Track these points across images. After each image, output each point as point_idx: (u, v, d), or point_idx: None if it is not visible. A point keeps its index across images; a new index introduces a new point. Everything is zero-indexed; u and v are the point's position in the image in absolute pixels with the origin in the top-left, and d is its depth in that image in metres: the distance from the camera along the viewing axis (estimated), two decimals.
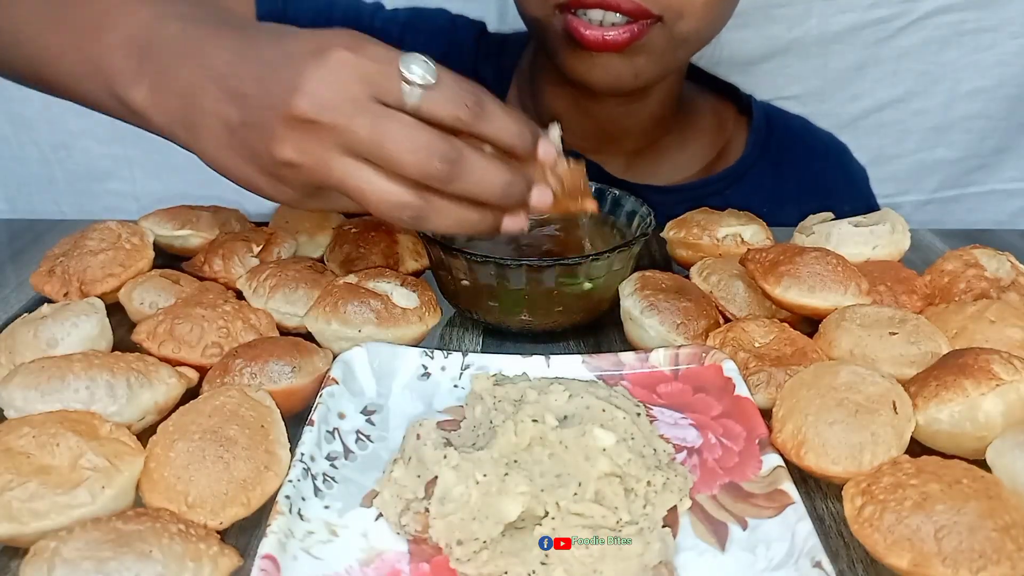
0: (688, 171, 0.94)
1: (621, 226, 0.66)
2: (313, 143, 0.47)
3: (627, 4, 0.70)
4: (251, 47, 0.50)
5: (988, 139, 1.48)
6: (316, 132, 0.47)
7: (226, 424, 0.44)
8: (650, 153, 0.93)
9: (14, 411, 0.46)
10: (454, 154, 0.47)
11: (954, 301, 0.60)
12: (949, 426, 0.46)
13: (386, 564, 0.41)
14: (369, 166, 0.47)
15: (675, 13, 0.72)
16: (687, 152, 0.95)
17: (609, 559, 0.40)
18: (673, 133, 0.93)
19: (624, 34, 0.72)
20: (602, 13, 0.72)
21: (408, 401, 0.52)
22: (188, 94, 0.51)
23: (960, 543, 0.38)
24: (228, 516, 0.41)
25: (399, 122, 0.46)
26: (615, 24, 0.72)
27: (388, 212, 0.48)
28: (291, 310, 0.59)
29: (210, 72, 0.50)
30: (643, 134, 0.91)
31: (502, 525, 0.40)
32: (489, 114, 0.49)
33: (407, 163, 0.47)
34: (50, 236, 0.66)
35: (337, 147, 0.47)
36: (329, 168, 0.48)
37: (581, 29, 0.71)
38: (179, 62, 0.51)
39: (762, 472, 0.45)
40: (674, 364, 0.53)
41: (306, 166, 0.48)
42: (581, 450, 0.44)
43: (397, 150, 0.46)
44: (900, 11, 1.38)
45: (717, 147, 0.96)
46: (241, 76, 0.49)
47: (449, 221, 0.50)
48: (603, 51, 0.73)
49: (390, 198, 0.48)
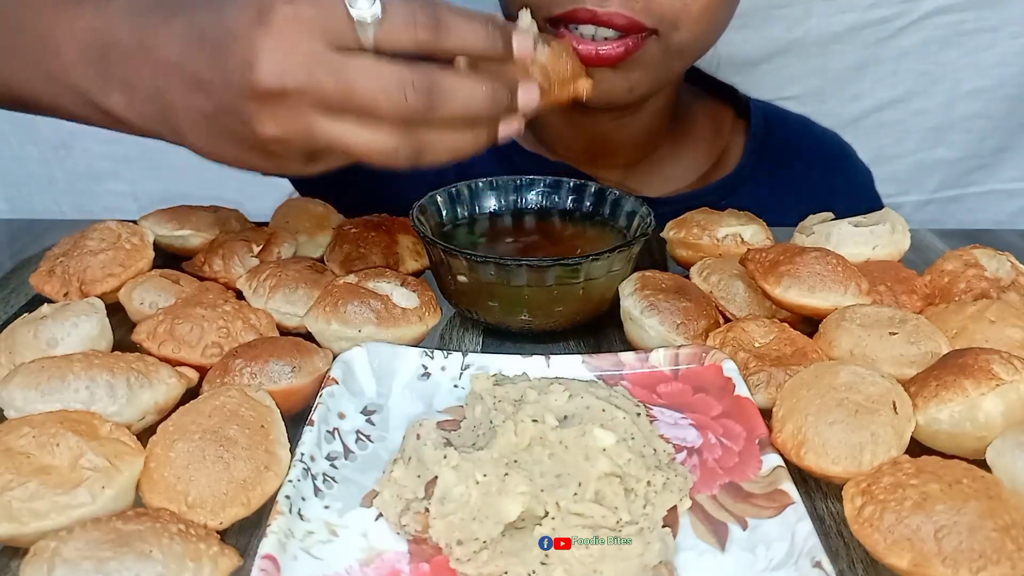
0: (684, 181, 0.92)
1: (621, 226, 0.66)
2: (288, 112, 0.46)
3: (620, 19, 0.69)
4: (194, 28, 0.48)
5: (988, 139, 1.48)
6: (286, 101, 0.46)
7: (226, 424, 0.44)
8: (645, 165, 0.91)
9: (14, 411, 0.46)
10: (425, 82, 0.46)
11: (954, 301, 0.60)
12: (949, 426, 0.46)
13: (386, 564, 0.41)
14: (349, 119, 0.46)
15: (670, 25, 0.71)
16: (683, 162, 0.93)
17: (609, 559, 0.40)
18: (668, 143, 0.91)
19: (618, 48, 0.70)
20: (594, 28, 0.70)
21: (408, 401, 0.52)
22: (157, 93, 0.50)
23: (960, 543, 0.38)
24: (228, 516, 0.41)
25: (361, 66, 0.45)
26: (608, 39, 0.70)
27: (381, 160, 0.48)
28: (291, 310, 0.59)
29: (168, 65, 0.49)
30: (637, 146, 0.89)
31: (502, 525, 0.40)
32: (449, 26, 0.47)
33: (382, 106, 0.45)
34: (50, 236, 0.66)
35: (312, 109, 0.46)
36: (312, 132, 0.47)
37: (574, 44, 0.68)
38: (138, 62, 0.50)
39: (762, 472, 0.45)
40: (674, 364, 0.53)
41: (291, 136, 0.47)
42: (581, 450, 0.44)
43: (368, 96, 0.45)
44: (900, 11, 1.38)
45: (714, 155, 0.94)
46: (196, 62, 0.47)
47: (444, 151, 0.49)
48: (597, 66, 0.70)
49: (378, 146, 0.47)
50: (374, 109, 0.46)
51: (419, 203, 0.64)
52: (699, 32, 0.73)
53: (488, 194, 0.69)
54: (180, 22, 0.49)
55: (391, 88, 0.45)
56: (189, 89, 0.48)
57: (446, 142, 0.49)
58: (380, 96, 0.45)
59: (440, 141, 0.49)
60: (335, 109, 0.46)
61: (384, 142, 0.47)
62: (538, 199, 0.69)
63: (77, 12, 0.53)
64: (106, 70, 0.52)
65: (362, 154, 0.47)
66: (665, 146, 0.91)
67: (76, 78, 0.53)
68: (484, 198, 0.68)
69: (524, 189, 0.69)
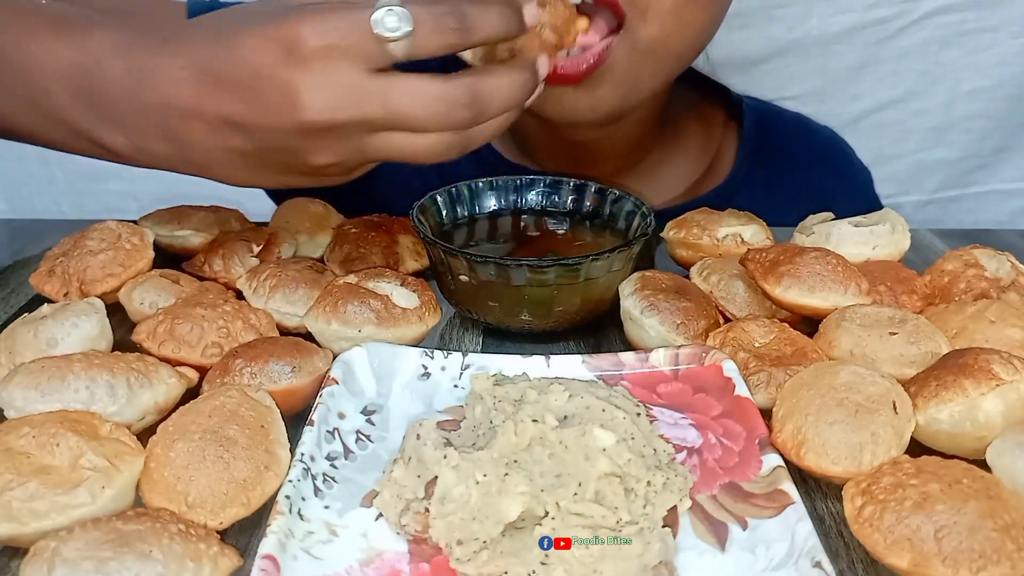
0: (676, 190, 0.88)
1: (620, 227, 0.66)
2: (340, 141, 0.48)
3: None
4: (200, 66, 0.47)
5: (988, 139, 1.48)
6: (337, 132, 0.47)
7: (226, 424, 0.44)
8: (633, 174, 0.86)
9: (14, 411, 0.46)
10: (468, 96, 0.48)
11: (954, 301, 0.60)
12: (949, 426, 0.46)
13: (386, 564, 0.41)
14: (401, 132, 0.48)
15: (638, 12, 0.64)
16: (673, 172, 0.88)
17: (609, 559, 0.40)
18: (658, 151, 0.87)
19: (580, 66, 0.64)
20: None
21: (408, 401, 0.52)
22: (171, 135, 0.49)
23: (960, 543, 0.38)
24: (228, 516, 0.41)
25: (404, 89, 0.46)
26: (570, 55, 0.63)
27: (436, 159, 0.50)
28: (291, 310, 0.59)
29: (181, 107, 0.47)
30: (623, 156, 0.84)
31: (502, 525, 0.40)
32: (474, 22, 0.48)
33: (431, 124, 0.48)
34: (50, 236, 0.66)
35: (363, 133, 0.48)
36: (365, 152, 0.49)
37: None
38: (139, 103, 0.48)
39: (762, 472, 0.45)
40: (674, 364, 0.53)
41: (343, 160, 0.49)
42: (581, 450, 0.44)
43: (415, 118, 0.47)
44: (900, 11, 1.38)
45: (706, 160, 0.90)
46: (221, 104, 0.47)
47: (488, 136, 0.52)
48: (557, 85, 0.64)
49: (432, 149, 0.49)
50: (423, 127, 0.48)
51: (419, 203, 0.64)
52: (670, 28, 0.66)
53: (488, 194, 0.69)
54: (178, 60, 0.47)
55: (437, 107, 0.47)
56: (217, 130, 0.48)
57: (489, 129, 0.51)
58: (429, 117, 0.47)
59: (483, 131, 0.51)
60: (384, 128, 0.48)
61: (438, 145, 0.49)
62: (538, 199, 0.69)
63: (55, 46, 0.50)
64: (105, 112, 0.50)
65: (417, 159, 0.49)
66: (655, 153, 0.87)
67: (73, 117, 0.51)
68: (484, 198, 0.68)
69: (524, 189, 0.69)
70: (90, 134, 0.52)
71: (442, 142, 0.49)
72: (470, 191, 0.68)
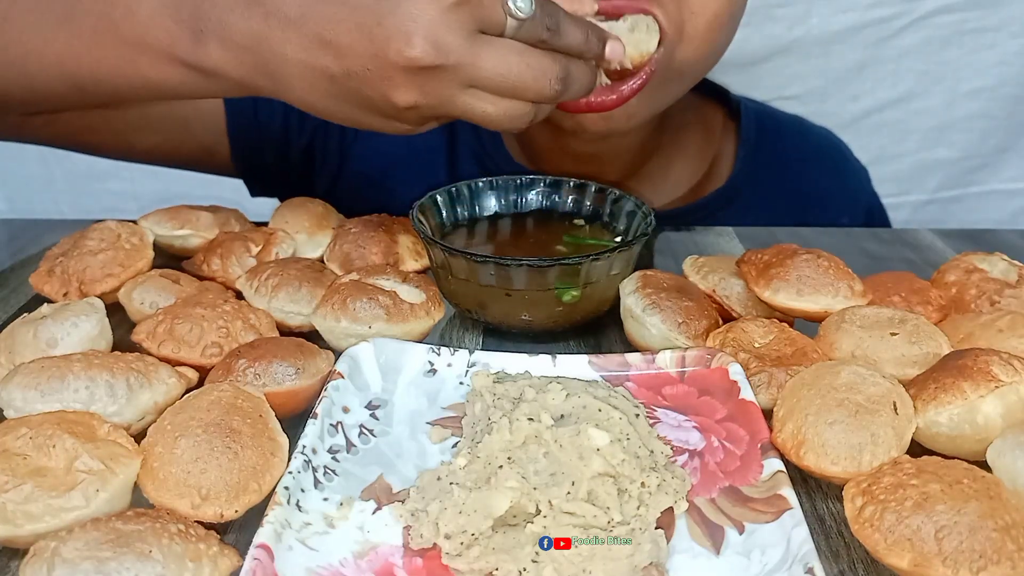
0: (675, 194, 0.89)
1: (620, 227, 0.66)
2: (435, 85, 0.50)
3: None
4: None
5: (989, 139, 1.48)
6: (438, 75, 0.49)
7: (228, 416, 0.44)
8: (635, 179, 0.87)
9: (14, 411, 0.46)
10: (563, 73, 0.53)
11: (971, 310, 0.59)
12: (948, 429, 0.46)
13: (380, 557, 0.41)
14: (488, 93, 0.51)
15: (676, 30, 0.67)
16: (673, 175, 0.89)
17: (599, 559, 0.40)
18: (659, 155, 0.87)
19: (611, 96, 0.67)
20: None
21: (413, 397, 0.52)
22: (263, 45, 0.50)
23: (960, 543, 0.38)
24: (243, 504, 0.42)
25: (513, 50, 0.50)
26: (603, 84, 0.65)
27: (508, 126, 0.54)
28: (295, 309, 0.58)
29: (283, 20, 0.50)
30: (625, 163, 0.85)
31: (491, 519, 0.40)
32: (565, 31, 0.54)
33: (529, 89, 0.51)
34: (50, 236, 0.66)
35: (459, 84, 0.50)
36: (453, 104, 0.51)
37: None
38: (239, 12, 0.51)
39: (762, 477, 0.44)
40: (680, 366, 0.53)
41: (428, 105, 0.51)
42: (575, 449, 0.44)
43: (519, 80, 0.51)
44: (900, 11, 1.38)
45: (705, 164, 0.91)
46: (327, 23, 0.49)
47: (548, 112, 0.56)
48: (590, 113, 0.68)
49: (512, 114, 0.53)
50: (522, 92, 0.51)
51: (419, 202, 0.64)
52: (702, 51, 0.70)
53: (488, 194, 0.69)
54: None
55: (540, 76, 0.51)
56: (311, 46, 0.49)
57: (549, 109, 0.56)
58: (530, 82, 0.51)
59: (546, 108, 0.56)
60: (481, 86, 0.50)
61: (518, 112, 0.53)
62: (538, 199, 0.69)
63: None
64: (197, 20, 0.52)
65: (494, 123, 0.53)
66: (657, 158, 0.87)
67: (157, 35, 0.53)
68: (484, 198, 0.68)
69: (524, 189, 0.69)
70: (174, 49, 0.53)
71: (520, 111, 0.53)
72: (470, 191, 0.68)
